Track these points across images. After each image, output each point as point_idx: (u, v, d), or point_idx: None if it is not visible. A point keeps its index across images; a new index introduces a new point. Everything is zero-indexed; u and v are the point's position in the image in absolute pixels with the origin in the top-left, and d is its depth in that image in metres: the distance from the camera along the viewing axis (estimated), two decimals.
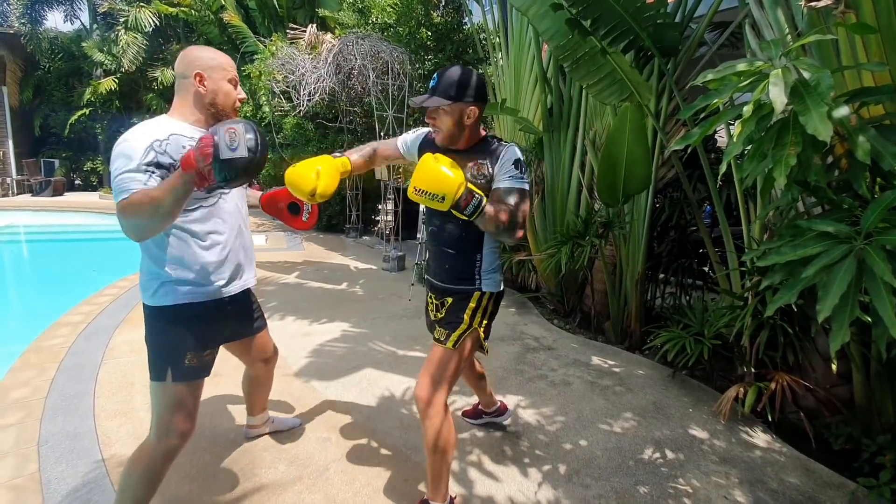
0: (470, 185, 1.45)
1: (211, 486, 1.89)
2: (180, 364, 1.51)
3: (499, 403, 2.38)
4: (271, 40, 7.01)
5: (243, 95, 1.60)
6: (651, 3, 2.65)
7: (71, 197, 11.12)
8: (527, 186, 1.57)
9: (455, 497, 1.83)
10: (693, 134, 1.51)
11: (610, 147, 2.87)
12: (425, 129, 1.81)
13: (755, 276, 2.48)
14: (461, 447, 2.22)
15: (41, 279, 6.01)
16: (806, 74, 1.23)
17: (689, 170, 3.52)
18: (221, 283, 1.57)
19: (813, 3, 2.07)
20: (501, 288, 1.77)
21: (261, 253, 6.16)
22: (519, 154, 1.59)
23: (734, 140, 1.26)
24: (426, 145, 1.74)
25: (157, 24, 10.69)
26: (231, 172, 1.24)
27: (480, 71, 5.25)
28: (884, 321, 1.20)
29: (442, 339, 1.69)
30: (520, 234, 1.54)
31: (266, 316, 1.91)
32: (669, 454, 2.27)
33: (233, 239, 1.60)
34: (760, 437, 2.46)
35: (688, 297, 3.73)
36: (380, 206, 8.24)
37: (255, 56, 7.93)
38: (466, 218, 1.46)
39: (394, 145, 1.87)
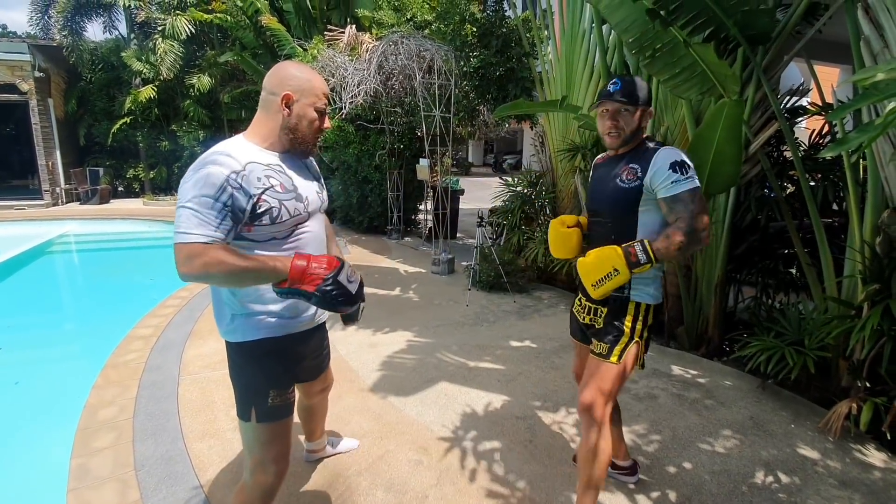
0: (620, 247, 1.52)
1: None
2: (264, 403, 1.43)
3: (632, 461, 2.07)
4: (312, 43, 6.97)
5: (329, 125, 1.48)
6: None
7: (117, 204, 11.46)
8: (690, 185, 1.51)
9: None
10: (852, 139, 1.34)
11: (697, 146, 2.69)
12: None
13: (872, 284, 2.28)
14: (560, 471, 2.12)
15: (101, 289, 6.17)
16: None
17: (774, 167, 3.29)
18: (300, 316, 1.48)
19: None
20: (660, 301, 1.71)
21: None
22: (676, 156, 1.53)
23: None
24: (595, 170, 1.85)
25: (193, 31, 10.84)
26: (330, 298, 1.27)
27: (535, 67, 5.09)
28: None
29: (604, 353, 1.66)
30: (706, 236, 1.52)
31: (328, 325, 1.81)
32: (783, 477, 2.11)
33: None
34: (877, 457, 2.27)
35: (770, 301, 3.51)
36: (420, 207, 8.19)
37: (293, 60, 7.93)
38: (650, 266, 1.50)
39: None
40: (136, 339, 3.42)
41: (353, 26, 6.82)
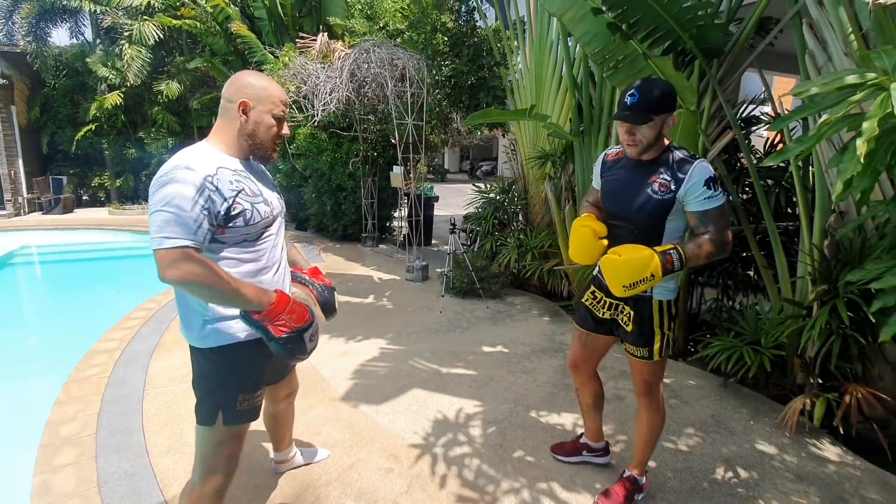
0: (656, 250, 1.53)
1: None
2: (231, 407, 1.44)
3: (604, 442, 2.21)
4: (283, 50, 6.93)
5: (287, 132, 1.52)
6: (692, 5, 2.57)
7: (81, 214, 11.07)
8: (721, 201, 1.57)
9: (647, 470, 1.99)
10: (790, 149, 1.43)
11: None
12: (599, 156, 1.88)
13: (821, 284, 2.40)
14: (528, 474, 2.15)
15: (64, 302, 5.95)
16: None
17: (731, 174, 3.43)
18: None
19: (881, 1, 1.99)
20: (677, 293, 1.79)
21: None
22: (709, 172, 1.57)
23: (855, 158, 1.18)
24: (607, 168, 1.82)
25: (161, 37, 10.62)
26: (289, 349, 1.38)
27: (506, 77, 5.19)
28: None
29: (646, 356, 1.77)
30: (730, 249, 1.60)
31: None
32: (742, 473, 2.20)
33: (275, 272, 1.51)
34: (831, 451, 2.38)
35: (730, 302, 3.64)
36: (395, 214, 8.19)
37: (264, 67, 7.86)
38: (681, 271, 1.56)
39: (594, 188, 1.92)
40: (100, 353, 3.31)
41: (326, 34, 6.82)
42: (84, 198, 12.39)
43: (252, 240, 1.41)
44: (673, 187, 1.58)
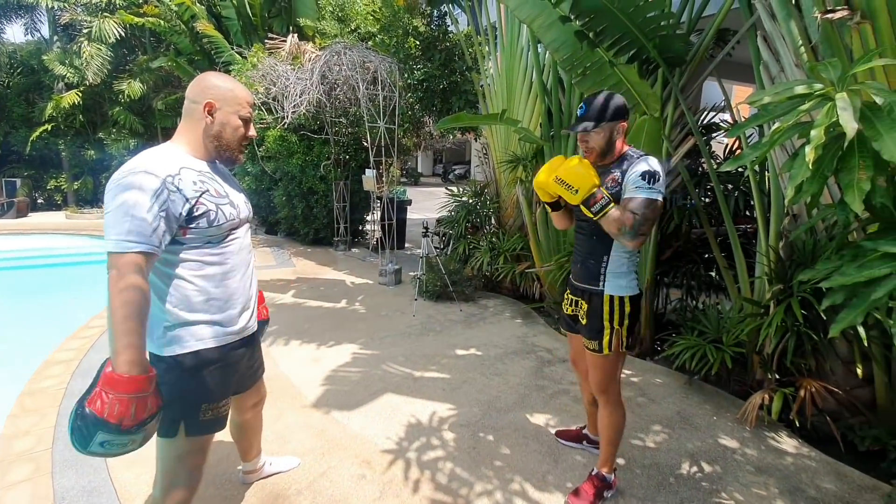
0: (603, 188, 1.67)
1: None
2: (194, 418, 1.39)
3: None
4: (251, 51, 6.80)
5: (254, 133, 1.50)
6: (655, 15, 2.66)
7: (36, 218, 10.56)
8: (654, 196, 1.65)
9: (617, 468, 2.07)
10: (745, 155, 1.49)
11: None
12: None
13: (776, 284, 2.51)
14: (501, 476, 2.17)
15: (17, 311, 5.64)
16: (877, 99, 1.22)
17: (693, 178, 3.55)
18: (235, 323, 1.47)
19: (828, 15, 2.11)
20: (636, 292, 1.86)
21: None
22: (650, 166, 1.67)
23: (804, 164, 1.24)
24: None
25: (123, 34, 10.27)
26: (77, 431, 1.14)
27: (478, 81, 5.24)
28: None
29: (596, 349, 1.87)
30: (640, 240, 1.65)
31: (270, 340, 1.80)
32: (706, 467, 2.27)
33: (241, 275, 1.49)
34: (788, 443, 2.49)
35: (694, 301, 3.77)
36: (368, 218, 8.13)
37: (232, 67, 7.69)
38: (592, 215, 1.67)
39: None
40: (56, 364, 3.16)
41: (296, 35, 6.73)
42: (39, 201, 11.84)
43: (216, 242, 1.38)
44: (620, 181, 1.73)
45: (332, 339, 3.76)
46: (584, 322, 1.91)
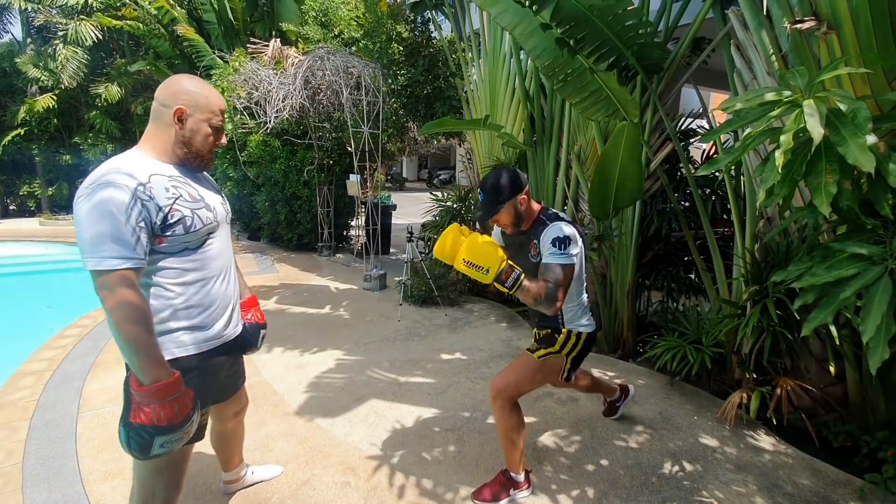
0: (510, 262, 1.66)
1: None
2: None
3: (618, 388, 2.60)
4: (234, 55, 6.74)
5: (224, 142, 1.48)
6: (633, 24, 2.72)
7: (8, 224, 10.25)
8: (565, 261, 1.72)
9: (531, 470, 2.12)
10: (720, 160, 1.54)
11: (603, 164, 2.92)
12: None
13: (752, 285, 2.57)
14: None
15: None
16: (841, 106, 1.27)
17: (672, 182, 3.63)
18: (215, 329, 1.44)
19: (797, 26, 2.19)
20: (592, 329, 1.99)
21: None
22: (560, 231, 1.75)
23: (774, 168, 1.28)
24: (504, 237, 2.04)
25: (100, 37, 10.08)
26: (132, 442, 1.23)
27: (465, 89, 5.27)
28: None
29: (533, 349, 1.99)
30: (557, 305, 1.70)
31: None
32: (688, 466, 2.31)
33: (221, 280, 1.46)
34: (766, 441, 2.54)
35: (675, 303, 3.84)
36: (352, 223, 8.09)
37: (213, 72, 7.61)
38: (507, 290, 1.65)
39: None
40: (27, 375, 3.07)
41: (278, 39, 6.69)
42: (11, 207, 11.51)
43: (194, 248, 1.35)
44: (539, 249, 1.81)
45: (315, 345, 3.72)
46: (540, 337, 2.03)
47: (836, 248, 1.42)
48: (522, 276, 1.66)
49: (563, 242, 1.73)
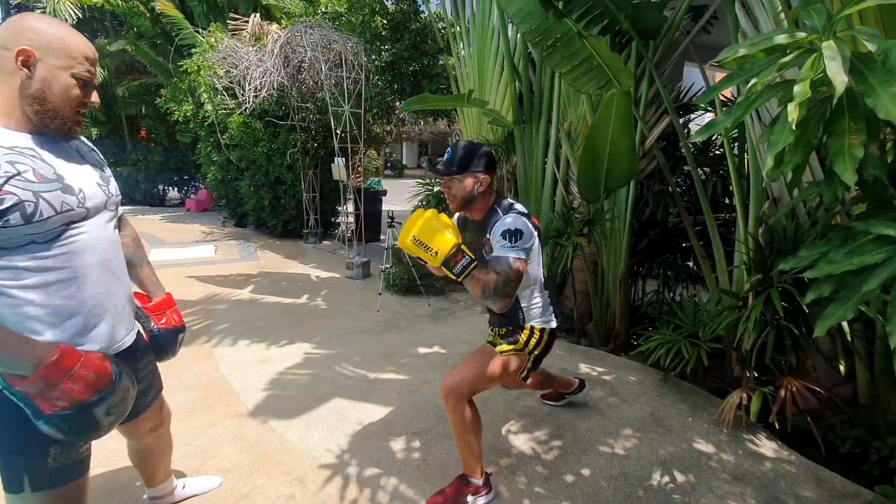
0: (465, 248, 1.55)
1: None
2: (40, 465, 1.09)
3: (577, 382, 2.51)
4: (210, 31, 6.41)
5: (96, 100, 1.17)
6: None
7: None
8: (516, 254, 1.59)
9: (491, 473, 1.96)
10: (720, 122, 1.26)
11: (592, 139, 2.63)
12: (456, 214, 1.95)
13: (755, 274, 2.30)
14: None
15: None
16: (870, 46, 0.99)
17: (669, 161, 3.34)
18: (97, 339, 1.16)
19: None
20: (553, 325, 1.87)
21: (210, 266, 5.63)
22: (511, 224, 1.62)
23: (786, 127, 1.01)
24: (461, 225, 1.91)
25: (80, 16, 9.70)
26: (70, 429, 1.04)
27: (450, 63, 4.95)
28: None
29: (496, 344, 1.85)
30: (506, 301, 1.57)
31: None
32: (679, 476, 2.06)
33: (101, 277, 1.17)
34: (767, 446, 2.30)
35: (671, 293, 3.57)
36: (339, 209, 7.81)
37: (193, 49, 7.28)
38: (454, 277, 1.54)
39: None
40: None
41: (258, 15, 6.36)
42: None
43: (44, 242, 1.05)
44: (491, 243, 1.69)
45: (285, 337, 3.48)
46: (502, 334, 1.90)
47: (858, 229, 1.14)
48: (474, 264, 1.54)
49: (513, 235, 1.61)
